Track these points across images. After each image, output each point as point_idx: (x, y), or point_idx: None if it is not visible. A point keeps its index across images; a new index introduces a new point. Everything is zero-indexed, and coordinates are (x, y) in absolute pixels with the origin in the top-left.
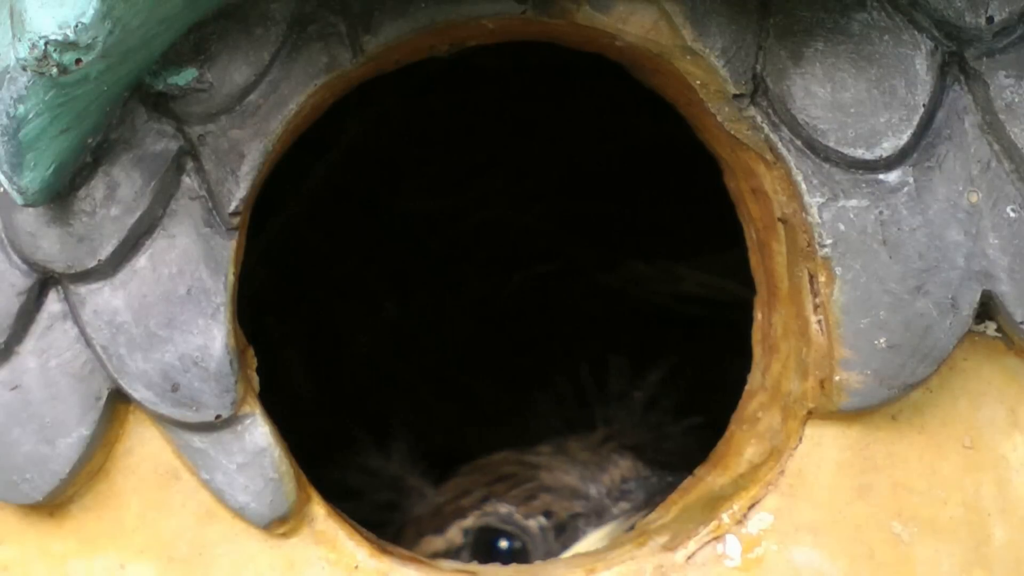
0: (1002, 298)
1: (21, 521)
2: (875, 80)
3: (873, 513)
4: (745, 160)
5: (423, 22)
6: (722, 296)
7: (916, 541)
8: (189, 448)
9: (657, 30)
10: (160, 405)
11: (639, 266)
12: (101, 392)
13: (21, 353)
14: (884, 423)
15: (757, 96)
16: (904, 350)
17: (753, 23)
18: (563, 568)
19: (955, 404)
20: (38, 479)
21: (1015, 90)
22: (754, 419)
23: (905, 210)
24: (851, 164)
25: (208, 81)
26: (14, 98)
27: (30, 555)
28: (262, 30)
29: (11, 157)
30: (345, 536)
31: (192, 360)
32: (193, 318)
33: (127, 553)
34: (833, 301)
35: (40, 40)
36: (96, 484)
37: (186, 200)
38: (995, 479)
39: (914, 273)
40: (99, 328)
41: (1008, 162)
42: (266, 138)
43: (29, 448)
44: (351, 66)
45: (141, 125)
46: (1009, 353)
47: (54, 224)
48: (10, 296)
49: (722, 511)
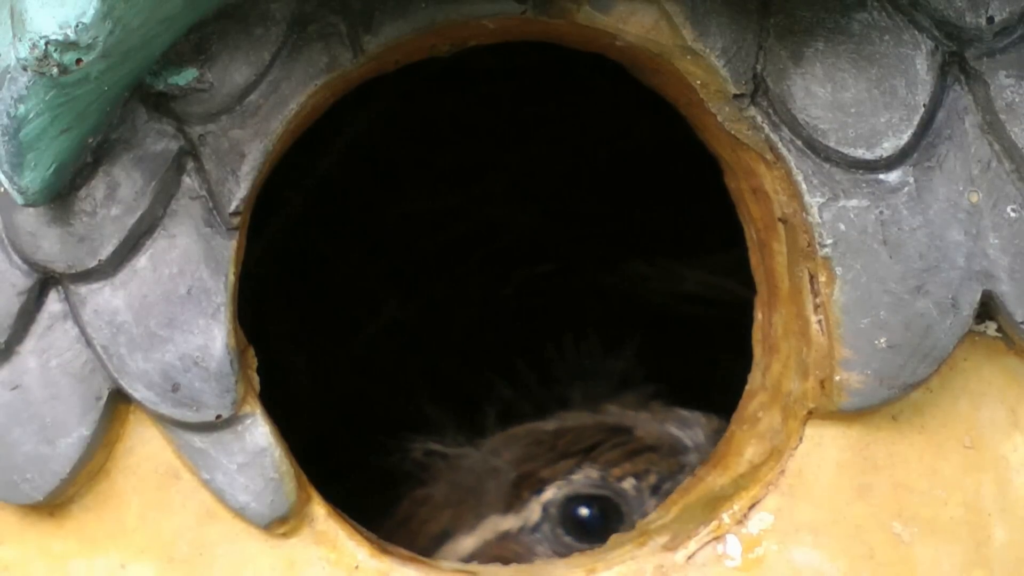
0: (1002, 298)
1: (21, 521)
2: (875, 80)
3: (873, 513)
4: (745, 160)
5: (423, 22)
6: (723, 296)
7: (916, 541)
8: (189, 448)
9: (657, 30)
10: (160, 405)
11: (639, 266)
12: (101, 392)
13: (21, 353)
14: (884, 423)
15: (757, 96)
16: (904, 350)
17: (753, 23)
18: (563, 568)
19: (955, 404)
20: (38, 479)
21: (1015, 90)
22: (754, 419)
23: (905, 210)
24: (851, 164)
25: (208, 81)
26: (14, 98)
27: (30, 555)
28: (262, 30)
29: (11, 157)
30: (345, 536)
31: (192, 360)
32: (193, 318)
33: (127, 553)
34: (833, 301)
35: (40, 40)
36: (96, 484)
37: (186, 200)
38: (995, 479)
39: (914, 273)
40: (99, 328)
41: (1008, 162)
42: (266, 138)
43: (29, 448)
44: (351, 66)
45: (141, 125)
46: (1009, 353)
47: (54, 224)
48: (10, 296)
49: (722, 511)
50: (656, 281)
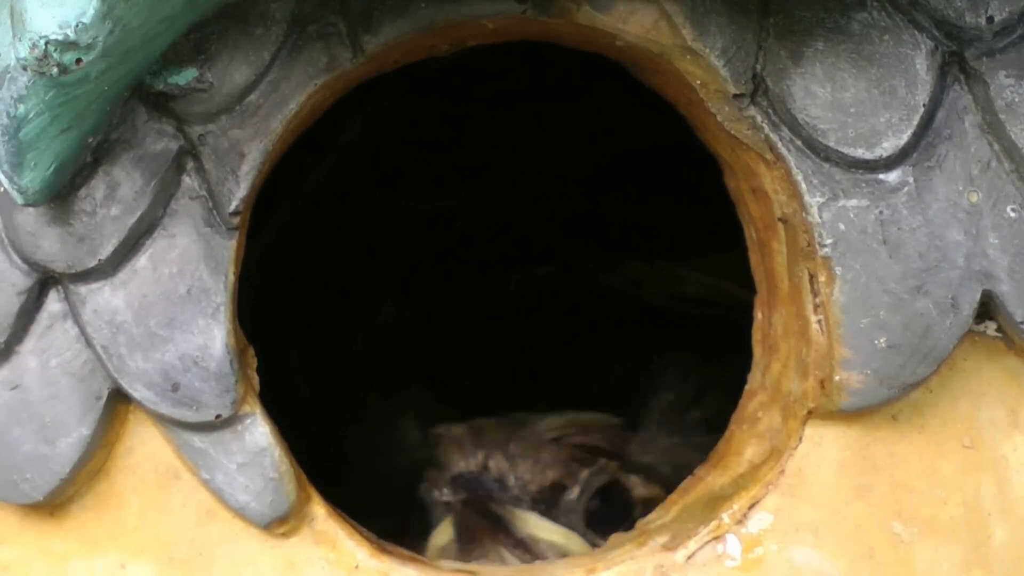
0: (1002, 298)
1: (21, 521)
2: (875, 80)
3: (873, 513)
4: (745, 160)
5: (423, 22)
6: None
7: (916, 541)
8: (189, 448)
9: (657, 30)
10: (160, 405)
11: (639, 267)
12: (101, 392)
13: (21, 353)
14: (884, 423)
15: (757, 96)
16: (904, 350)
17: (753, 23)
18: (563, 568)
19: (955, 404)
20: (38, 479)
21: (1015, 90)
22: (754, 419)
23: (905, 210)
24: (851, 164)
25: (208, 81)
26: (14, 98)
27: (30, 555)
28: (262, 30)
29: (11, 157)
30: (345, 536)
31: (192, 360)
32: (193, 318)
33: (127, 553)
34: (833, 301)
35: (40, 40)
36: (96, 484)
37: (186, 200)
38: (995, 479)
39: (914, 273)
40: (99, 328)
41: (1008, 162)
42: (266, 138)
43: (29, 448)
44: (351, 66)
45: (141, 125)
46: (1009, 353)
47: (54, 224)
48: (10, 296)
49: (722, 511)
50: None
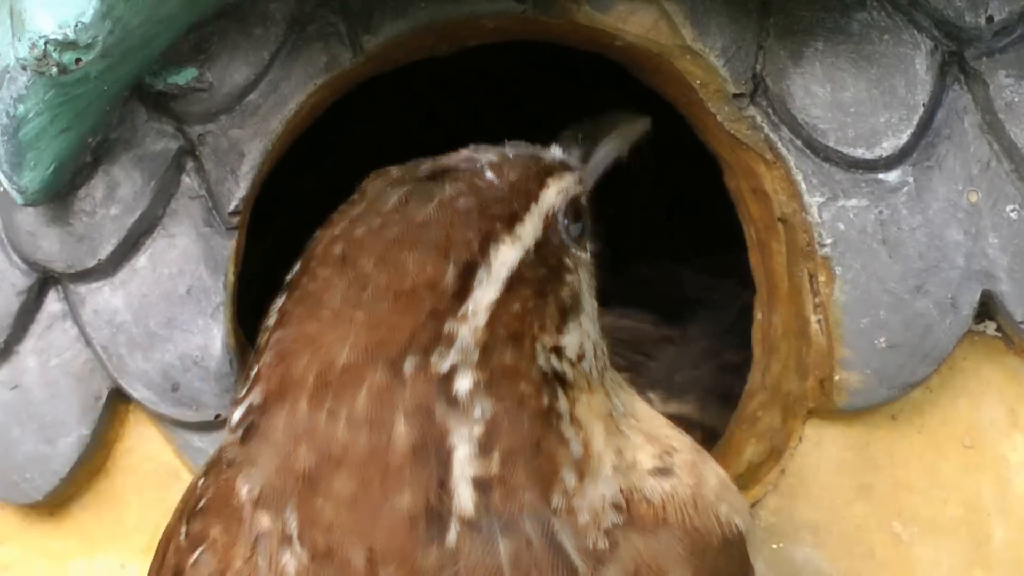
0: (1002, 298)
1: (22, 521)
2: (875, 80)
3: (873, 513)
4: (745, 160)
5: (423, 21)
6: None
7: (916, 541)
8: (189, 447)
9: (657, 30)
10: (160, 405)
11: (640, 268)
12: (101, 392)
13: (21, 352)
14: (884, 423)
15: (757, 96)
16: (904, 350)
17: (753, 23)
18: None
19: (955, 404)
20: (38, 479)
21: (1015, 90)
22: (754, 419)
23: (905, 210)
24: (851, 164)
25: (208, 81)
26: (14, 98)
27: (31, 554)
28: (262, 30)
29: (11, 157)
30: None
31: (192, 360)
32: (193, 317)
33: (127, 552)
34: (833, 301)
35: (40, 40)
36: (96, 484)
37: (186, 200)
38: (995, 479)
39: (914, 273)
40: (99, 327)
41: (1008, 162)
42: (266, 138)
43: (29, 448)
44: (351, 65)
45: (141, 125)
46: (1009, 353)
47: (54, 224)
48: (10, 295)
49: None
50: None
